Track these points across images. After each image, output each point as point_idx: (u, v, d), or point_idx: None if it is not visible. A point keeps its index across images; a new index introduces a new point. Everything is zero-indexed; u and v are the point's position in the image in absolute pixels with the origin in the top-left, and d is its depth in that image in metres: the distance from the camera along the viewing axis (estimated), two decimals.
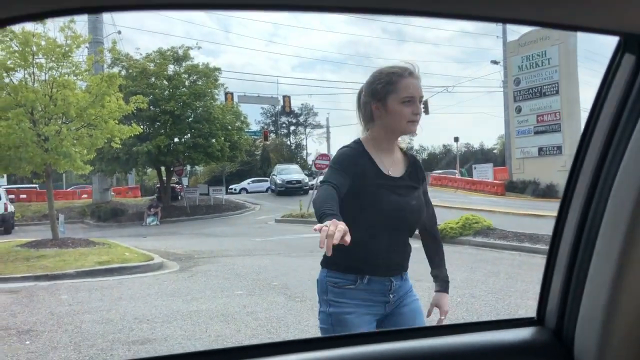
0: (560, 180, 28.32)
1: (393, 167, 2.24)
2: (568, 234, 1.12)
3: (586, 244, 1.08)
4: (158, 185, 32.99)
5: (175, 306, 7.38)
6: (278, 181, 34.92)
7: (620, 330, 1.02)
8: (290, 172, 36.86)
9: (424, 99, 2.23)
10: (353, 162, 2.15)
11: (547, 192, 28.00)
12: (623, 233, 0.99)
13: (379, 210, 2.12)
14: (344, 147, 2.25)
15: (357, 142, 2.25)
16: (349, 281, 2.15)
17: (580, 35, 31.19)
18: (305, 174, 39.16)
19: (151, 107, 25.77)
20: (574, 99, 29.46)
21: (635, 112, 1.00)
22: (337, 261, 2.08)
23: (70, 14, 0.83)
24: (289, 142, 75.45)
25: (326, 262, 2.21)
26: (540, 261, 10.56)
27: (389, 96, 2.15)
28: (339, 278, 2.17)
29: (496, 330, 1.22)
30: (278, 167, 39.28)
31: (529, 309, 6.73)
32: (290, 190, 33.24)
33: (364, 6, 0.84)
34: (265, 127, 68.42)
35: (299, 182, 34.07)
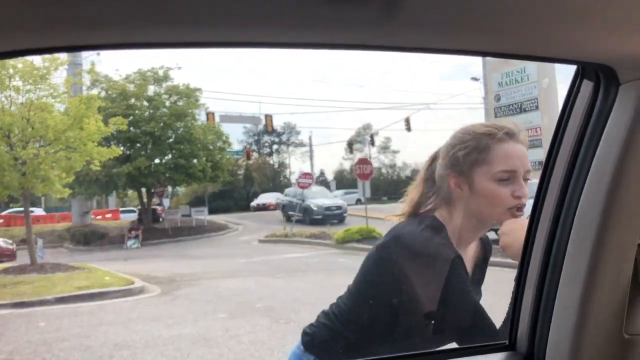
0: None
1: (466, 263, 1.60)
2: (536, 255, 1.12)
3: (554, 266, 1.08)
4: (139, 207, 32.61)
5: (157, 331, 7.21)
6: (313, 207, 28.16)
7: (590, 354, 1.02)
8: (323, 195, 30.60)
9: (528, 170, 1.50)
10: (459, 269, 1.49)
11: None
12: (588, 258, 1.00)
13: None
14: (426, 231, 1.49)
15: (440, 227, 1.51)
16: None
17: None
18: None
19: (131, 128, 25.54)
20: (553, 114, 29.84)
21: (595, 136, 1.03)
22: (335, 351, 1.62)
23: (69, 51, 0.82)
24: (272, 161, 75.35)
25: (317, 347, 1.64)
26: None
27: (476, 168, 1.46)
28: None
29: (467, 356, 1.21)
30: (304, 191, 31.27)
31: None
32: (329, 217, 26.77)
33: (350, 43, 0.85)
34: (248, 146, 68.23)
35: (339, 207, 28.48)
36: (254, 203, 43.76)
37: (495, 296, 1.64)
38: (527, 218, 1.46)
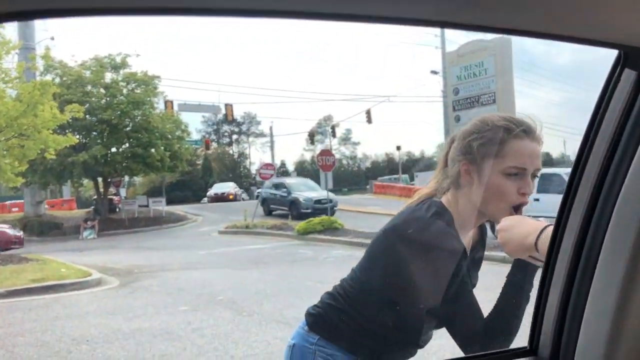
0: None
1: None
2: (565, 255, 1.05)
3: (585, 269, 1.00)
4: (95, 197, 31.86)
5: (116, 325, 7.04)
6: (301, 200, 25.90)
7: None
8: (309, 188, 28.12)
9: (538, 169, 1.51)
10: (461, 248, 1.53)
11: None
12: (626, 258, 0.92)
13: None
14: (434, 217, 1.50)
15: (449, 218, 1.52)
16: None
17: (515, 46, 32.43)
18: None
19: (87, 116, 24.89)
20: (510, 108, 30.43)
21: (637, 130, 0.95)
22: (341, 331, 1.60)
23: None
24: (231, 152, 74.71)
25: (322, 327, 1.62)
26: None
27: (488, 160, 1.47)
28: (336, 351, 1.59)
29: None
30: (289, 181, 29.30)
31: None
32: (319, 211, 24.58)
33: (342, 12, 0.78)
34: (207, 136, 67.51)
35: (329, 200, 25.90)
36: (210, 193, 42.29)
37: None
38: (527, 215, 1.44)
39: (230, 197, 39.64)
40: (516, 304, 1.47)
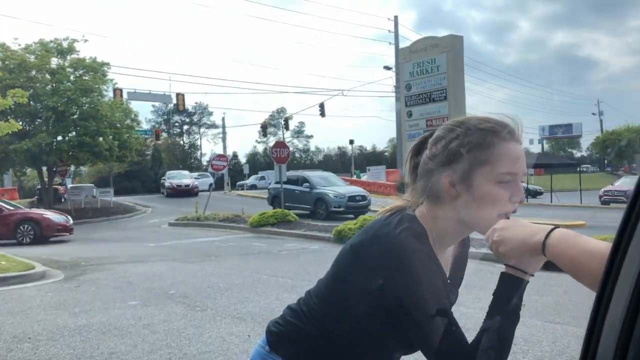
0: None
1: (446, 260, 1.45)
2: (632, 265, 0.88)
3: None
4: (39, 187, 30.71)
5: (62, 321, 6.72)
6: (332, 197, 21.84)
7: None
8: (333, 183, 23.76)
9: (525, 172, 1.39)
10: (439, 271, 1.36)
11: None
12: None
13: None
14: (405, 234, 1.31)
15: (422, 234, 1.35)
16: None
17: (465, 44, 32.99)
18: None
19: (31, 102, 23.95)
20: (460, 104, 31.03)
21: None
22: (308, 355, 1.46)
23: None
24: (182, 142, 73.47)
25: (286, 349, 1.49)
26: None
27: (477, 168, 1.31)
28: None
29: None
30: (310, 175, 24.35)
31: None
32: (353, 210, 21.30)
33: None
34: (157, 126, 66.19)
35: (364, 197, 22.44)
36: (168, 184, 37.71)
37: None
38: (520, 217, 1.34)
39: (195, 190, 36.70)
40: (505, 323, 1.29)
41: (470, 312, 6.55)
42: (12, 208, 18.38)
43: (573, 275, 1.16)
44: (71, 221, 18.83)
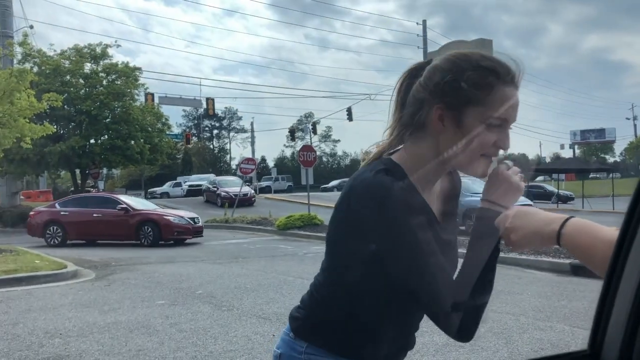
0: (479, 188, 29.39)
1: (433, 203, 1.41)
2: (638, 254, 0.90)
3: None
4: (72, 189, 31.38)
5: (91, 318, 6.87)
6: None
7: None
8: None
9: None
10: (417, 203, 1.31)
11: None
12: None
13: None
14: (378, 174, 1.29)
15: (397, 168, 1.33)
16: None
17: (495, 49, 32.64)
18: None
19: (66, 106, 24.50)
20: None
21: None
22: (332, 335, 1.43)
23: None
24: (212, 146, 74.26)
25: (310, 332, 1.45)
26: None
27: (470, 106, 1.27)
28: (325, 358, 1.42)
29: None
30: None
31: None
32: None
33: None
34: (188, 130, 67.02)
35: None
36: (223, 192, 32.02)
37: None
38: (531, 204, 1.34)
39: (253, 199, 31.36)
40: (487, 255, 1.28)
41: (497, 316, 6.49)
42: (139, 207, 17.36)
43: (588, 263, 1.16)
44: (199, 222, 17.35)
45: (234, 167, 63.43)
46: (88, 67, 27.29)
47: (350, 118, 39.65)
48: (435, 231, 1.32)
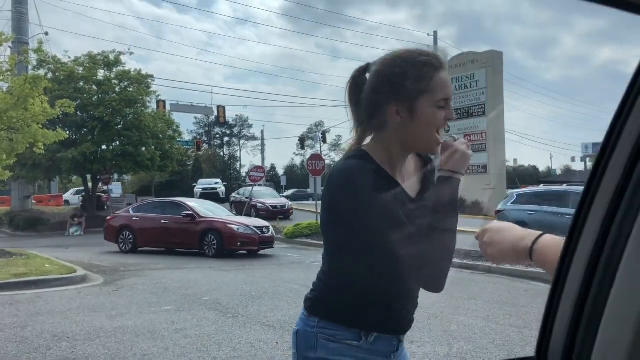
0: (485, 198, 29.36)
1: (407, 183, 1.64)
2: (582, 256, 0.98)
3: (605, 271, 0.94)
4: (83, 194, 31.67)
5: (99, 322, 6.98)
6: None
7: None
8: None
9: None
10: (377, 177, 1.53)
11: (472, 209, 28.96)
12: None
13: None
14: (346, 160, 1.55)
15: (363, 153, 1.57)
16: (353, 335, 1.59)
17: (506, 60, 32.68)
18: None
19: (78, 112, 24.79)
20: (499, 120, 30.67)
21: None
22: (337, 308, 1.60)
23: None
24: (222, 154, 74.59)
25: (320, 308, 1.63)
26: (468, 276, 10.78)
27: (420, 97, 1.51)
28: (337, 330, 1.59)
29: None
30: None
31: (460, 325, 6.79)
32: None
33: None
34: (198, 137, 67.40)
35: None
36: (260, 204, 29.03)
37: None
38: (513, 221, 1.43)
39: (291, 211, 29.07)
40: (447, 216, 1.52)
41: (500, 328, 6.52)
42: (205, 214, 15.96)
43: None
44: (269, 232, 15.83)
45: (243, 174, 63.61)
46: (101, 74, 27.60)
47: None
48: (402, 201, 1.54)
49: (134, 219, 16.47)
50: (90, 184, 28.79)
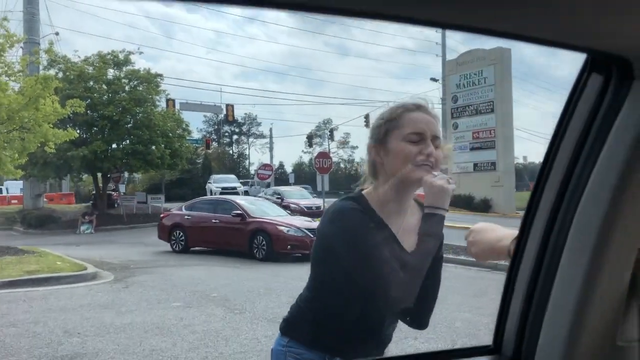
0: (493, 195, 29.32)
1: (404, 235, 1.66)
2: (528, 259, 1.08)
3: (548, 269, 1.04)
4: (94, 192, 31.94)
5: (109, 318, 7.12)
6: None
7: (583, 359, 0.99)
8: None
9: (436, 135, 1.66)
10: (370, 222, 1.61)
11: (481, 206, 28.95)
12: (587, 259, 0.96)
13: None
14: (344, 200, 1.68)
15: (361, 196, 1.68)
16: (317, 357, 1.70)
17: (515, 57, 32.51)
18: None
19: (89, 111, 24.99)
20: (507, 117, 30.59)
21: (601, 136, 0.97)
22: (306, 330, 1.72)
23: None
24: (231, 152, 74.82)
25: (290, 329, 1.76)
26: (474, 274, 10.84)
27: (390, 134, 1.64)
28: (303, 351, 1.70)
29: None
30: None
31: (464, 322, 6.87)
32: None
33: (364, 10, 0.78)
34: (208, 135, 67.60)
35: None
36: (293, 204, 28.80)
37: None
38: (495, 224, 1.52)
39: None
40: (433, 249, 1.60)
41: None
42: (255, 214, 15.02)
43: None
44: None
45: (252, 172, 63.80)
46: (111, 73, 27.81)
47: (367, 125, 39.74)
48: (393, 248, 1.60)
49: (186, 217, 15.84)
50: (100, 183, 29.04)
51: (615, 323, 0.99)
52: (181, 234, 15.66)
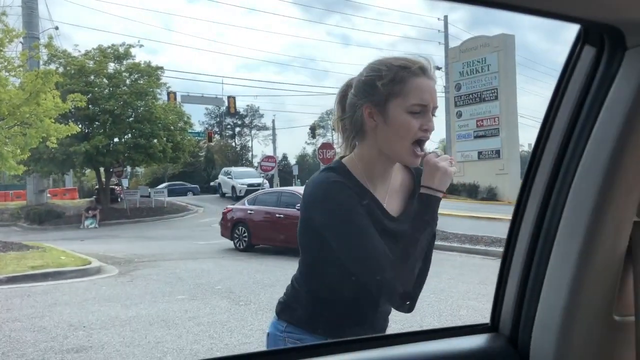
0: (498, 183, 29.23)
1: (390, 199, 1.59)
2: (524, 236, 1.08)
3: (543, 247, 1.04)
4: (97, 187, 31.98)
5: (114, 312, 7.11)
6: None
7: (578, 336, 0.99)
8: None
9: (436, 106, 1.53)
10: (354, 195, 1.49)
11: (486, 195, 28.88)
12: (582, 235, 0.96)
13: None
14: (324, 172, 1.56)
15: (341, 166, 1.55)
16: (318, 341, 1.61)
17: (519, 43, 32.30)
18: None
19: (90, 105, 24.97)
20: (512, 105, 30.45)
21: (594, 108, 0.96)
22: (304, 314, 1.63)
23: None
24: (234, 144, 74.82)
25: (288, 313, 1.66)
26: (480, 262, 10.82)
27: (391, 99, 1.47)
28: (304, 335, 1.62)
29: (448, 338, 1.18)
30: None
31: (470, 309, 6.85)
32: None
33: None
34: (210, 128, 67.57)
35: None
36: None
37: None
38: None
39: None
40: (427, 234, 1.48)
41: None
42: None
43: None
44: None
45: (255, 164, 63.82)
46: (111, 67, 27.75)
47: None
48: (377, 219, 1.50)
49: (249, 212, 14.49)
50: (103, 177, 29.06)
51: (611, 298, 0.99)
52: (244, 230, 14.36)
